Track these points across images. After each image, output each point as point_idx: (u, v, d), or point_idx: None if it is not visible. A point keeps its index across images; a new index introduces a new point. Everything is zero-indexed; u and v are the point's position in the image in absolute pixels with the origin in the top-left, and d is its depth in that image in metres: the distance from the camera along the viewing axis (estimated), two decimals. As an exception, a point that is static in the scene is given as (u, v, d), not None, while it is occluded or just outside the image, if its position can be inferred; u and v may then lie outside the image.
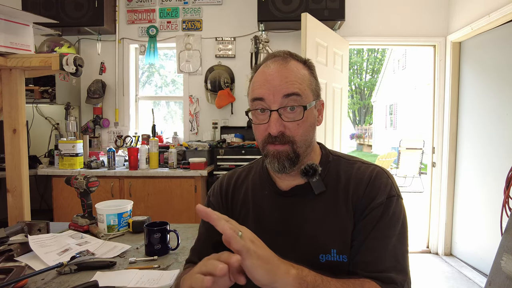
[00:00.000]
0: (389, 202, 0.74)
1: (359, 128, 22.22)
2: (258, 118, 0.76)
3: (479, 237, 2.71)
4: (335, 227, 0.75)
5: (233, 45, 3.21)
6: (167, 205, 2.64)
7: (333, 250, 0.73)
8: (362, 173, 0.78)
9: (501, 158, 2.45)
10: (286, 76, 0.73)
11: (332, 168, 0.81)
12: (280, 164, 0.74)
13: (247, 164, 0.96)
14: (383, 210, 0.73)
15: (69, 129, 2.74)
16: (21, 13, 1.24)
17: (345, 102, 3.04)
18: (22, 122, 1.35)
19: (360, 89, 25.24)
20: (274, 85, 0.73)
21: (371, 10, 3.11)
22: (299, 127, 0.74)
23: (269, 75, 0.74)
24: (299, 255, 0.74)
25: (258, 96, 0.74)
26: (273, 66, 0.75)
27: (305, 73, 0.77)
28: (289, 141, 0.73)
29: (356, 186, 0.76)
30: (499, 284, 1.53)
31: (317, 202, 0.78)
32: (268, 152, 0.75)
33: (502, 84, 2.49)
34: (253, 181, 0.88)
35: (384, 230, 0.72)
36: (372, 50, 23.33)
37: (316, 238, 0.75)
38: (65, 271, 0.95)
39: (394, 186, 0.77)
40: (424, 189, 4.24)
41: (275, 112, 0.72)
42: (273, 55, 0.79)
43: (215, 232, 0.85)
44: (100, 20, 2.96)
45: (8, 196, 1.35)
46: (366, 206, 0.74)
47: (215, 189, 0.92)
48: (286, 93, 0.72)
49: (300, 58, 0.79)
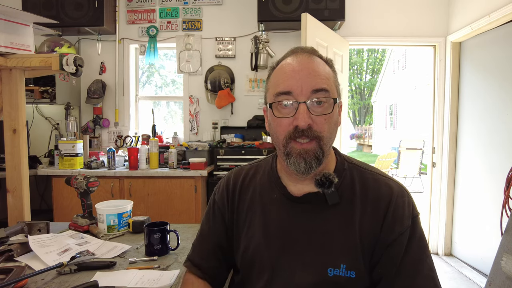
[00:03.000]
0: (414, 223, 0.72)
1: (359, 128, 22.21)
2: (281, 111, 0.71)
3: (479, 237, 2.71)
4: (347, 241, 0.71)
5: (233, 45, 3.21)
6: (167, 205, 2.64)
7: (342, 265, 0.70)
8: (380, 188, 0.74)
9: (501, 158, 2.45)
10: (315, 70, 0.70)
11: (347, 178, 0.77)
12: (307, 164, 0.69)
13: (255, 161, 0.91)
14: (411, 233, 0.71)
15: (69, 129, 2.74)
16: (21, 13, 1.24)
17: (345, 102, 3.04)
18: (22, 122, 1.35)
19: (360, 89, 25.24)
20: (302, 77, 0.69)
21: (371, 10, 3.11)
22: (326, 122, 0.69)
23: (297, 67, 0.71)
24: (307, 266, 0.72)
25: (284, 90, 0.70)
26: (299, 59, 0.72)
27: (329, 71, 0.74)
28: (316, 137, 0.68)
29: (375, 204, 0.73)
30: (499, 284, 1.53)
31: (329, 213, 0.74)
32: (293, 150, 0.70)
33: (502, 84, 2.49)
34: (262, 182, 0.83)
35: (417, 253, 0.70)
36: (372, 50, 23.33)
37: (325, 250, 0.72)
38: (65, 271, 0.95)
39: (414, 204, 0.75)
40: (424, 189, 4.24)
41: (303, 104, 0.68)
42: (298, 48, 0.76)
43: (218, 234, 0.86)
44: (100, 20, 2.96)
45: (8, 196, 1.35)
46: (391, 230, 0.70)
47: (221, 188, 0.88)
48: (315, 87, 0.69)
49: (322, 56, 0.77)
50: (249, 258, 0.78)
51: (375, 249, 0.71)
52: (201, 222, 0.91)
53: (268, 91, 0.76)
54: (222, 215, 0.85)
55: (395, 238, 0.70)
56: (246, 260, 0.79)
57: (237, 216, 0.83)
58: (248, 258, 0.79)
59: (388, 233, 0.70)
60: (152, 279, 0.91)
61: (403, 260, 0.69)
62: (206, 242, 0.86)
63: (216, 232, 0.86)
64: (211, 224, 0.87)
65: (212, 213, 0.88)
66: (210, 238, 0.86)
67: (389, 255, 0.70)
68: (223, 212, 0.86)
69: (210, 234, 0.86)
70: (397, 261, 0.69)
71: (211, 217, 0.88)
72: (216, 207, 0.87)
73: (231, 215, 0.84)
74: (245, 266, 0.80)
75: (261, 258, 0.76)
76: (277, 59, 0.79)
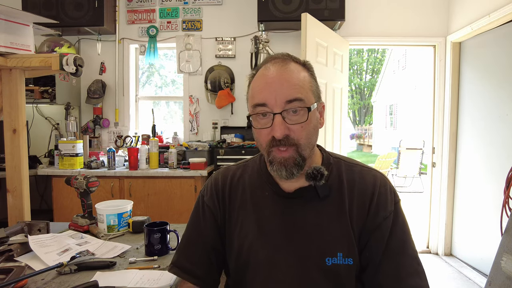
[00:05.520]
0: (397, 208, 0.77)
1: (359, 128, 22.20)
2: (260, 122, 0.73)
3: (479, 237, 2.71)
4: (341, 230, 0.75)
5: (233, 45, 3.21)
6: (167, 205, 2.64)
7: (339, 254, 0.73)
8: (365, 179, 0.79)
9: (501, 158, 2.45)
10: (288, 80, 0.71)
11: (334, 171, 0.80)
12: (288, 171, 0.72)
13: (241, 162, 0.91)
14: (394, 217, 0.76)
15: (69, 129, 2.74)
16: (21, 13, 1.24)
17: (345, 102, 3.04)
18: (22, 122, 1.35)
19: (360, 89, 25.23)
20: (275, 89, 0.71)
21: (371, 10, 3.11)
22: (303, 129, 0.72)
23: (270, 79, 0.72)
24: (305, 258, 0.74)
25: (259, 102, 0.72)
26: (273, 69, 0.73)
27: (305, 75, 0.75)
28: (293, 144, 0.71)
29: (361, 193, 0.77)
30: (499, 284, 1.53)
31: (321, 205, 0.77)
32: (274, 159, 0.73)
33: (502, 84, 2.49)
34: (251, 181, 0.84)
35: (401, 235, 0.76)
36: (372, 50, 23.33)
37: (321, 241, 0.74)
38: (65, 271, 0.95)
39: (396, 191, 0.80)
40: (424, 189, 4.24)
41: (278, 115, 0.70)
42: (272, 57, 0.77)
43: (211, 237, 0.84)
44: (100, 20, 2.96)
45: (8, 196, 1.35)
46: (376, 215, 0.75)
47: (209, 189, 0.87)
48: (288, 98, 0.70)
49: (298, 60, 0.77)
50: (244, 257, 0.78)
51: (361, 235, 0.76)
52: (187, 226, 0.88)
53: (248, 101, 0.78)
54: (214, 217, 0.84)
55: (380, 222, 0.75)
56: (241, 259, 0.79)
57: (229, 216, 0.83)
58: (243, 257, 0.79)
59: (373, 218, 0.75)
60: (152, 279, 0.91)
61: (388, 242, 0.74)
62: (197, 247, 0.83)
63: (209, 235, 0.83)
64: (202, 228, 0.84)
65: (203, 216, 0.85)
66: (202, 242, 0.83)
67: (375, 238, 0.75)
68: (215, 214, 0.84)
69: (201, 237, 0.83)
70: (383, 244, 0.74)
71: (201, 220, 0.85)
72: (207, 209, 0.85)
73: (223, 215, 0.83)
74: (240, 265, 0.79)
75: (257, 256, 0.77)
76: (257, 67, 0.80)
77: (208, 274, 0.82)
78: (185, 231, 0.88)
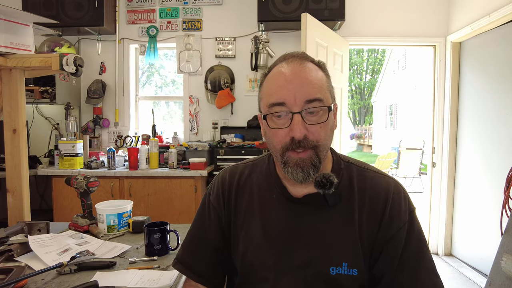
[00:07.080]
0: (412, 218, 0.73)
1: (359, 128, 22.20)
2: (276, 122, 0.70)
3: (479, 237, 2.71)
4: (348, 239, 0.72)
5: (233, 45, 3.21)
6: (167, 205, 2.64)
7: (344, 264, 0.71)
8: (377, 186, 0.75)
9: (501, 158, 2.45)
10: (307, 78, 0.69)
11: (345, 177, 0.77)
12: (305, 173, 0.68)
13: (249, 160, 0.88)
14: (409, 227, 0.72)
15: (69, 129, 2.74)
16: (21, 13, 1.24)
17: (345, 102, 3.04)
18: (22, 122, 1.35)
19: (360, 89, 25.24)
20: (295, 87, 0.68)
21: (371, 10, 3.11)
22: (322, 130, 0.69)
23: (289, 77, 0.69)
24: (309, 266, 0.72)
25: (278, 101, 0.68)
26: (291, 67, 0.70)
27: (322, 76, 0.72)
28: (312, 146, 0.68)
29: (372, 202, 0.74)
30: (499, 284, 1.53)
31: (330, 212, 0.74)
32: (290, 160, 0.69)
33: (502, 84, 2.49)
34: (259, 182, 0.81)
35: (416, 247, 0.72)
36: (372, 50, 23.33)
37: (327, 250, 0.72)
38: (65, 271, 0.95)
39: (410, 199, 0.76)
40: (424, 189, 4.24)
41: (298, 114, 0.67)
42: (288, 55, 0.74)
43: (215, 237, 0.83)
44: (100, 20, 2.96)
45: (8, 196, 1.35)
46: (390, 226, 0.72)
47: (216, 188, 0.84)
48: (308, 98, 0.67)
49: (314, 60, 0.74)
50: (249, 260, 0.77)
51: (374, 245, 0.72)
52: (193, 223, 0.87)
53: (262, 101, 0.74)
54: (219, 217, 0.82)
55: (393, 233, 0.71)
56: (246, 262, 0.78)
57: (234, 217, 0.81)
58: (248, 260, 0.77)
59: (386, 229, 0.72)
60: (152, 279, 0.91)
61: (403, 254, 0.71)
62: (201, 246, 0.82)
63: (213, 235, 0.82)
64: (206, 227, 0.83)
65: (208, 215, 0.83)
66: (205, 242, 0.82)
67: (389, 250, 0.71)
68: (219, 214, 0.82)
69: (205, 236, 0.82)
70: (397, 256, 0.71)
71: (206, 219, 0.83)
72: (212, 208, 0.83)
73: (228, 216, 0.82)
74: (245, 268, 0.78)
75: (262, 260, 0.75)
76: (269, 65, 0.77)
77: (212, 274, 0.81)
78: (191, 227, 0.87)
